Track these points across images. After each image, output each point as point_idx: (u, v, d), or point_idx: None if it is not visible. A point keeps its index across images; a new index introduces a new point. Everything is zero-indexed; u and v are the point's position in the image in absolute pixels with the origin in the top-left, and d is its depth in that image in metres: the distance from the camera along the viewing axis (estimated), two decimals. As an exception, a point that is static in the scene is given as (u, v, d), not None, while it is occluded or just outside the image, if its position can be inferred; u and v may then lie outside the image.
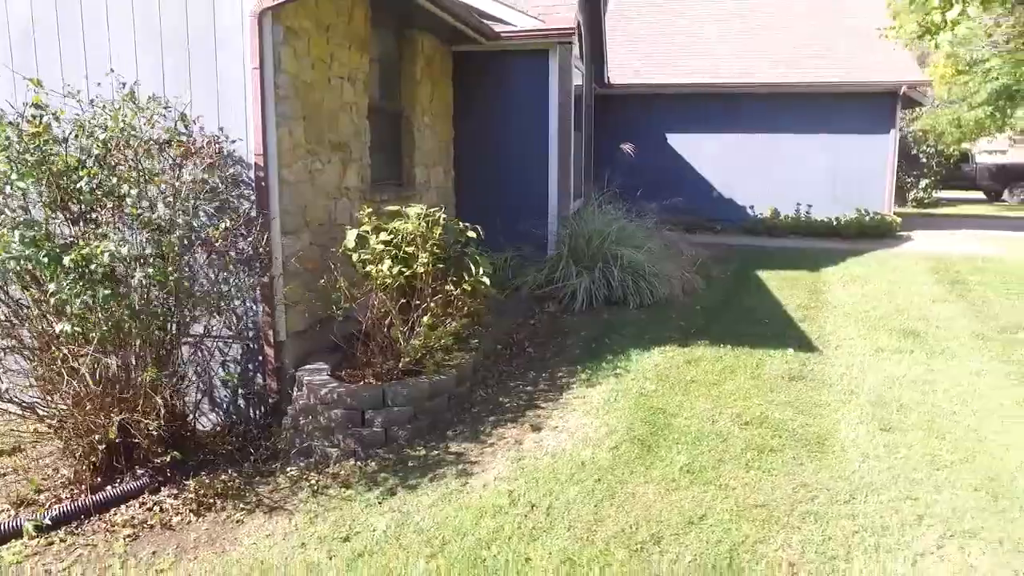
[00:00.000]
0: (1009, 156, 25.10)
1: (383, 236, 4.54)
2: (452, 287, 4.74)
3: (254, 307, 4.78)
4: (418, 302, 4.63)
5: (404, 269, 4.58)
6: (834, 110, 12.29)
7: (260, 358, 4.85)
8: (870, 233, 11.79)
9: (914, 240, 11.84)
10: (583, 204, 9.52)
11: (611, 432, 4.33)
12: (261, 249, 4.50)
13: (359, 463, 4.20)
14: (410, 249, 4.64)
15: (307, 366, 4.76)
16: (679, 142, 12.86)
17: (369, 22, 5.79)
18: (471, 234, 4.96)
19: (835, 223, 12.04)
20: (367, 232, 4.59)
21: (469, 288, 4.80)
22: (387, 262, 4.45)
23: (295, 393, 4.61)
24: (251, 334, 4.85)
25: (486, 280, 4.71)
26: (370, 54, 6.10)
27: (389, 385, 4.39)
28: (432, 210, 4.88)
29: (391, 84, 6.71)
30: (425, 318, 4.54)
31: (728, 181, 12.86)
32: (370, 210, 4.82)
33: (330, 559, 3.34)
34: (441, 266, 4.80)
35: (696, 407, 4.66)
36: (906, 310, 7.13)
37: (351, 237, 4.60)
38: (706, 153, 12.83)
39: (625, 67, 13.01)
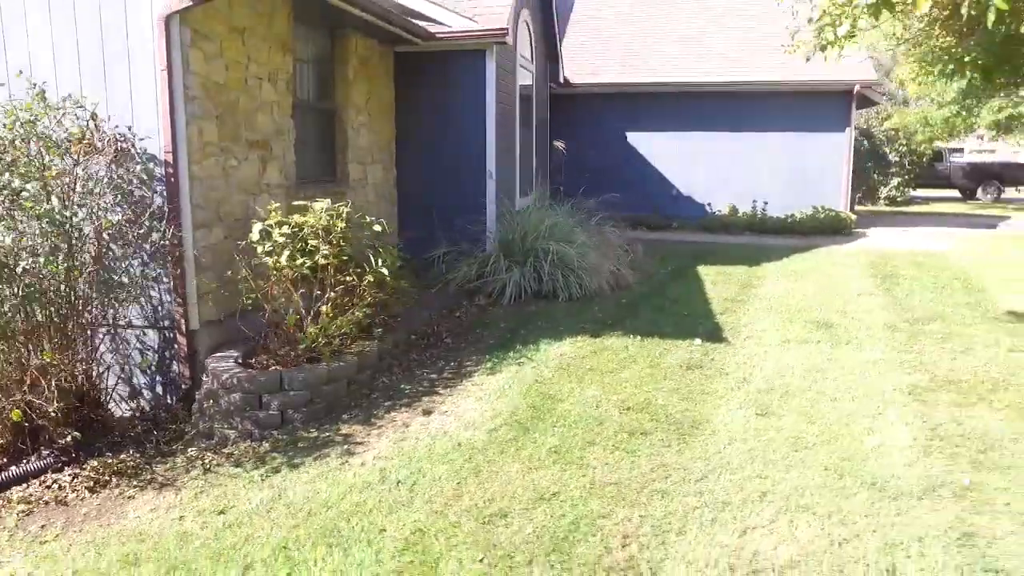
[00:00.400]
0: (984, 155, 25.36)
1: (284, 229, 4.76)
2: (355, 278, 4.96)
3: (168, 297, 5.01)
4: (319, 292, 4.85)
5: (307, 260, 4.80)
6: (792, 109, 12.49)
7: (175, 346, 5.08)
8: (825, 230, 11.99)
9: (868, 237, 12.03)
10: (533, 201, 9.73)
11: (495, 416, 4.54)
12: (167, 242, 4.72)
13: (254, 444, 4.42)
14: (314, 242, 4.86)
15: (218, 354, 4.98)
16: (639, 140, 13.07)
17: (292, 24, 6.00)
18: (377, 228, 5.18)
19: (790, 220, 12.25)
20: (271, 226, 4.81)
21: (373, 279, 5.02)
22: (286, 253, 4.67)
23: (203, 379, 4.84)
24: (166, 323, 5.08)
25: (384, 271, 4.93)
26: (298, 54, 6.33)
27: (287, 371, 4.62)
28: (338, 205, 5.11)
29: (324, 83, 6.94)
30: (324, 307, 4.76)
31: (687, 179, 13.07)
32: (278, 204, 5.05)
33: (202, 529, 3.56)
34: (346, 258, 5.02)
35: (585, 393, 4.87)
36: (829, 303, 7.33)
37: (255, 230, 4.82)
38: (666, 151, 13.04)
39: (585, 66, 13.21)
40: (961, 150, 28.80)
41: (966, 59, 5.64)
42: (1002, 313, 7.04)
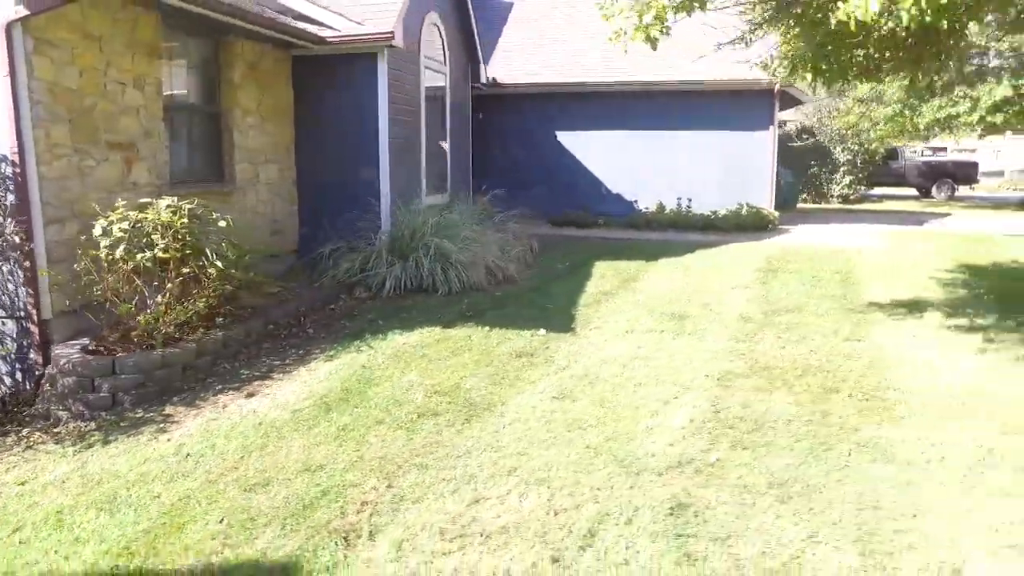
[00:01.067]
0: (938, 154, 25.58)
1: (124, 225, 5.11)
2: (195, 270, 5.30)
3: (22, 289, 5.38)
4: (157, 283, 5.20)
5: (147, 253, 5.15)
6: (718, 108, 12.76)
7: (31, 335, 5.44)
8: (746, 226, 12.25)
9: (790, 233, 12.30)
10: (447, 200, 10.06)
11: (308, 398, 4.89)
12: (15, 237, 5.08)
13: (82, 423, 4.77)
14: (155, 237, 5.21)
15: (70, 342, 5.35)
16: (569, 140, 13.37)
17: (163, 31, 6.34)
18: (222, 224, 5.52)
19: (712, 217, 12.52)
20: (112, 221, 5.16)
21: (215, 272, 5.36)
22: (122, 247, 5.02)
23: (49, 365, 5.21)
24: (22, 314, 5.45)
25: (220, 264, 5.27)
26: (179, 60, 6.69)
27: (119, 356, 4.97)
28: (182, 203, 5.45)
29: (210, 87, 7.28)
30: (160, 297, 5.11)
31: (617, 177, 13.36)
32: (124, 202, 5.40)
33: (-5, 498, 3.93)
34: (189, 252, 5.37)
35: (403, 379, 5.20)
36: (698, 296, 7.62)
37: (98, 226, 5.17)
38: (596, 150, 13.33)
39: (517, 67, 13.49)
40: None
41: (801, 59, 5.90)
42: (861, 305, 7.33)
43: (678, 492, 3.77)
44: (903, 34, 5.98)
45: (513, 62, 13.47)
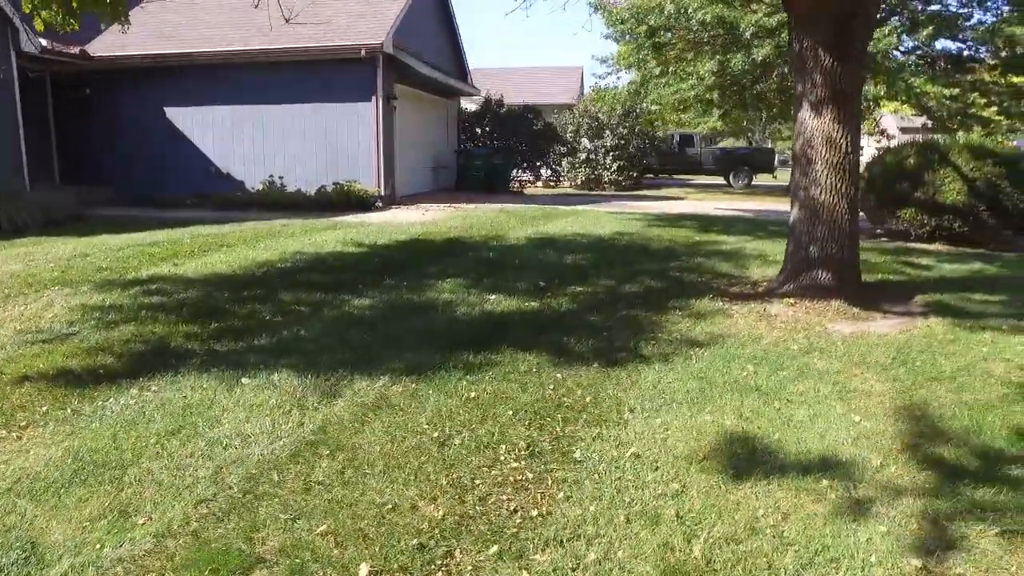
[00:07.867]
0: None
1: None
2: None
3: None
4: None
5: None
6: (322, 78, 11.83)
7: None
8: (335, 205, 11.24)
9: (382, 213, 11.19)
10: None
11: None
12: None
13: None
14: None
15: None
16: (180, 117, 12.56)
17: None
18: None
19: (298, 195, 11.57)
20: None
21: None
22: None
23: None
24: None
25: None
26: None
27: None
28: None
29: None
30: None
31: (225, 155, 12.47)
32: None
33: None
34: None
35: None
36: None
37: None
38: (206, 128, 12.48)
39: (117, 38, 12.40)
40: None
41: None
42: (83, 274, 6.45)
43: None
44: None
45: (112, 33, 12.40)
